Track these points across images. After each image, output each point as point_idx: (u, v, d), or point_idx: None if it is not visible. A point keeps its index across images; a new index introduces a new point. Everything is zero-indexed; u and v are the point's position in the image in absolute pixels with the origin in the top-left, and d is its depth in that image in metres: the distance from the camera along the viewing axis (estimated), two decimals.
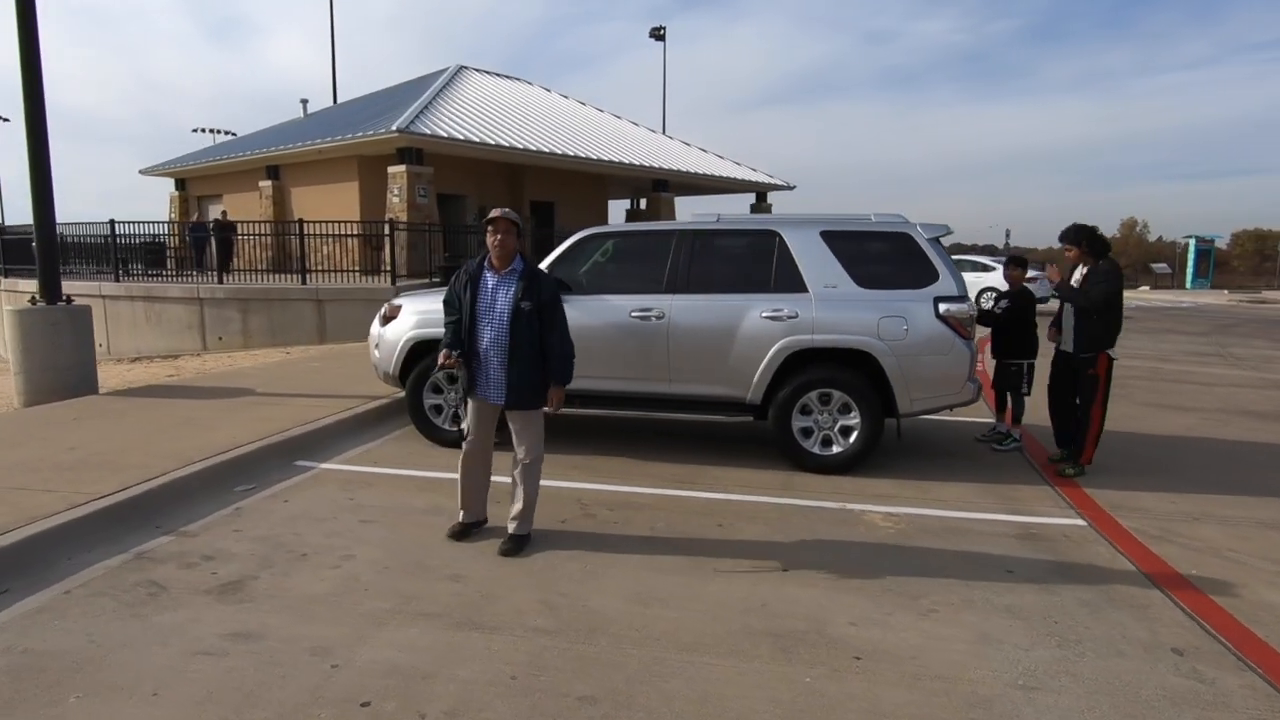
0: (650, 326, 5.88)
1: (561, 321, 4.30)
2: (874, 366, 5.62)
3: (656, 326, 5.88)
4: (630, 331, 5.89)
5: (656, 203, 26.32)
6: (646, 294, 5.93)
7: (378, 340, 6.64)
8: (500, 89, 27.33)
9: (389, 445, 6.48)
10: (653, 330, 5.89)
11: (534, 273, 4.29)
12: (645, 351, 5.91)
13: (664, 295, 5.90)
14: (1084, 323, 5.63)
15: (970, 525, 4.76)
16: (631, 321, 5.88)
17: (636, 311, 5.89)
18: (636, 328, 5.89)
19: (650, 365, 5.93)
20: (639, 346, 5.90)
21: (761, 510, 4.98)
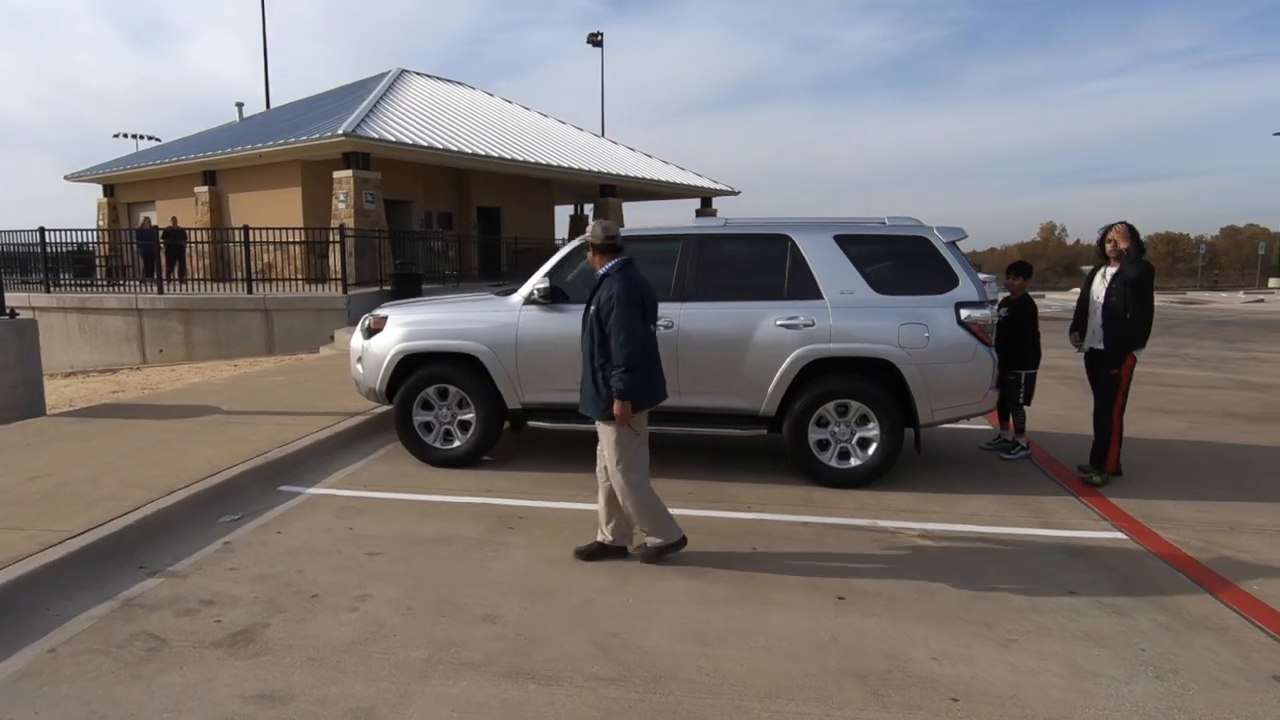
0: (658, 336, 5.59)
1: (617, 327, 3.98)
2: (893, 376, 5.46)
3: (664, 336, 5.58)
4: None
5: (605, 208, 26.04)
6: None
7: (360, 354, 6.18)
8: (444, 93, 26.67)
9: (377, 466, 6.02)
10: (660, 340, 5.58)
11: (601, 277, 4.10)
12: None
13: (672, 303, 5.62)
14: (1115, 324, 5.50)
15: (1010, 541, 4.62)
16: None
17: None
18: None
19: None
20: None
21: (794, 531, 4.74)
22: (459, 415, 5.96)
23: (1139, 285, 5.45)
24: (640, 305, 4.04)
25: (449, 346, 5.84)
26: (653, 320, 4.23)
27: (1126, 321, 5.49)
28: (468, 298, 6.60)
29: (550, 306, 5.69)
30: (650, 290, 4.20)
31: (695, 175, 29.84)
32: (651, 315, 4.20)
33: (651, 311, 4.20)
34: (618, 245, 4.17)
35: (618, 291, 3.98)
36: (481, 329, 5.82)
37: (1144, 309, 5.49)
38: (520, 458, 6.26)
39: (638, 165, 27.60)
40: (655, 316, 4.28)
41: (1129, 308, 5.47)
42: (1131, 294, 5.46)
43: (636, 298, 4.01)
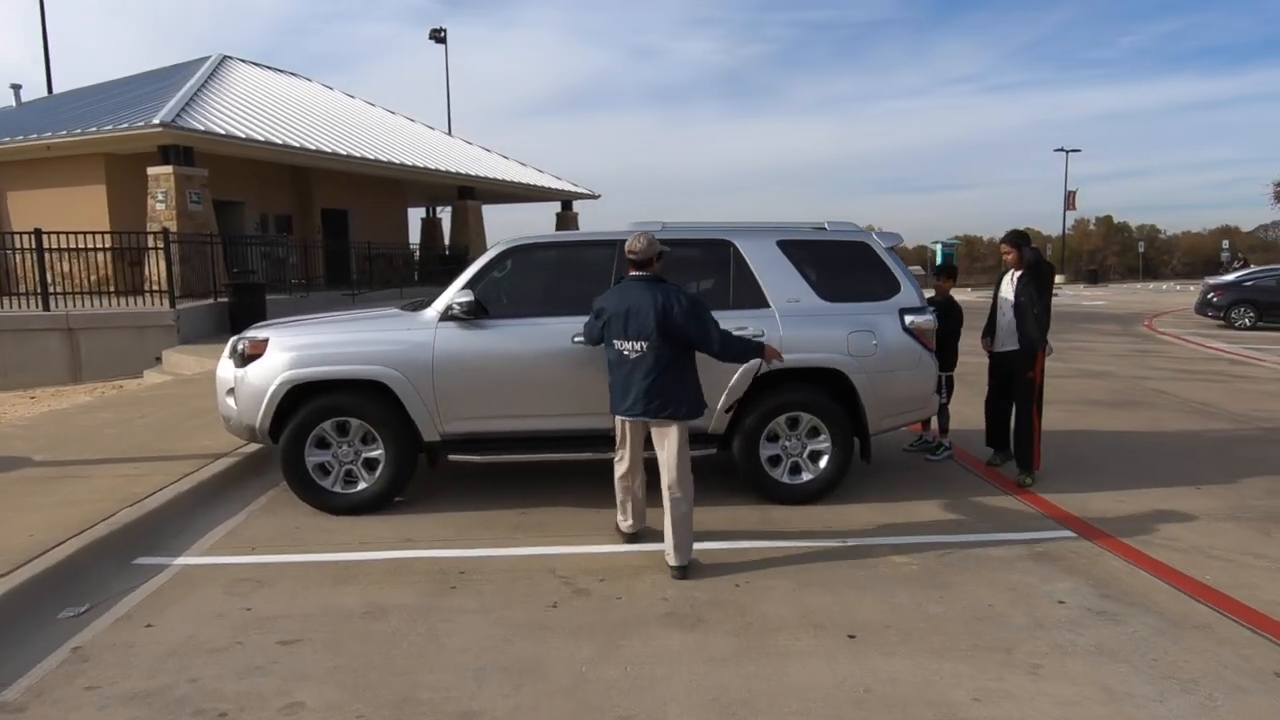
0: (594, 353, 5.04)
1: (705, 322, 4.28)
2: (842, 385, 5.22)
3: (597, 353, 5.06)
4: (571, 360, 5.00)
5: (464, 211, 24.90)
6: (588, 315, 5.08)
7: (233, 385, 5.17)
8: (276, 84, 24.43)
9: (261, 520, 5.05)
10: (591, 358, 5.06)
11: (642, 287, 4.29)
12: (589, 382, 5.05)
13: None
14: (1025, 323, 5.67)
15: (980, 551, 4.47)
16: (572, 348, 4.99)
17: (579, 336, 5.03)
18: (578, 355, 5.02)
19: (595, 398, 5.09)
20: (582, 377, 5.03)
21: (769, 558, 4.36)
22: (363, 452, 5.12)
23: (1041, 285, 5.69)
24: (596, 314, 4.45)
25: (351, 373, 4.98)
26: (618, 336, 4.27)
27: (1036, 318, 5.67)
28: (364, 314, 5.73)
29: (472, 323, 4.98)
30: (620, 304, 4.28)
31: (555, 178, 29.23)
32: (615, 330, 4.28)
33: (614, 326, 4.29)
34: (645, 260, 4.28)
35: (685, 300, 4.19)
36: (390, 351, 5.01)
37: (1046, 307, 5.72)
38: (437, 497, 5.49)
39: (496, 167, 26.61)
40: (624, 334, 4.24)
41: (1035, 304, 5.66)
42: (1036, 293, 5.67)
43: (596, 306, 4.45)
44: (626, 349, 4.19)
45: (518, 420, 5.09)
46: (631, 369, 4.19)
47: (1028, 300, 5.64)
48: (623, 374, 4.24)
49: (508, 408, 5.05)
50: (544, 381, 5.02)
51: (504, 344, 4.98)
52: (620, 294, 4.29)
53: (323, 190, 22.75)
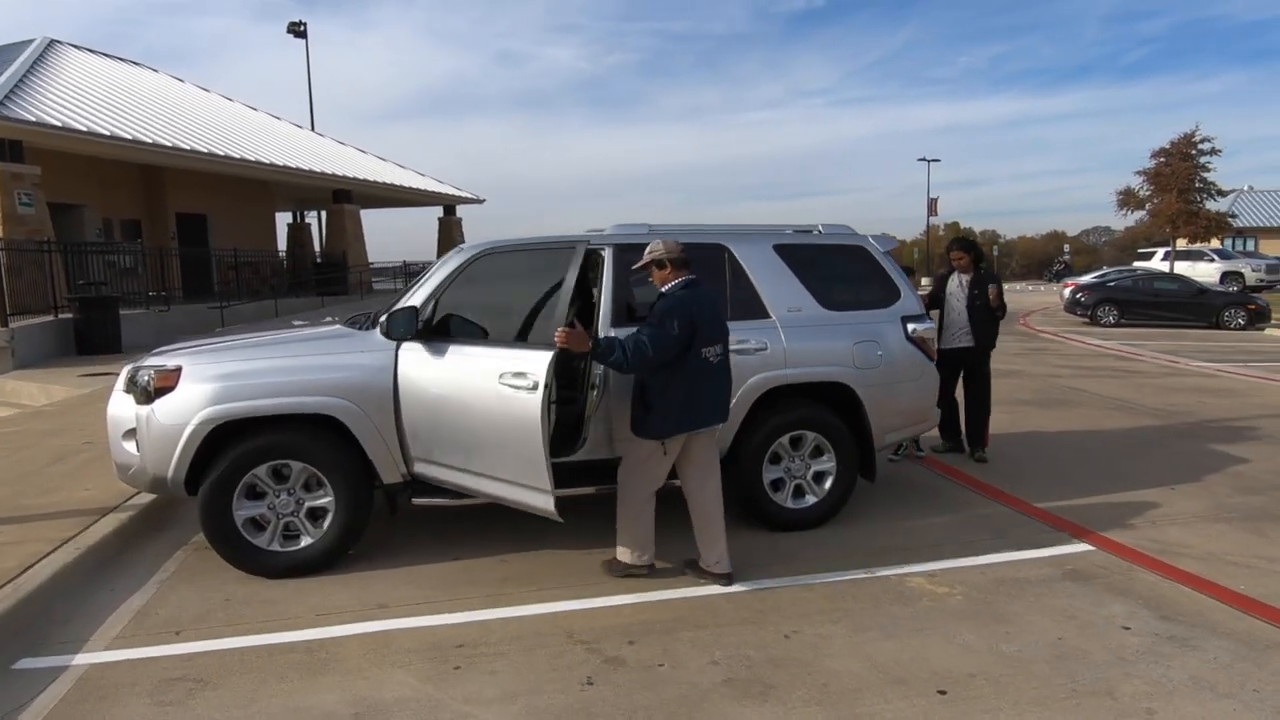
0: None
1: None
2: (846, 399, 4.85)
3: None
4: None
5: (340, 215, 23.22)
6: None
7: (135, 425, 4.17)
8: (118, 73, 21.89)
9: (178, 592, 4.07)
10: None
11: (660, 296, 4.06)
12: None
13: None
14: (984, 323, 6.28)
15: (1011, 573, 4.21)
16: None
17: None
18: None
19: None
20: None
21: (805, 602, 3.90)
22: (307, 501, 4.25)
23: (999, 288, 6.30)
24: (690, 325, 3.85)
25: (293, 406, 4.11)
26: (707, 343, 3.94)
27: (994, 319, 6.33)
28: (296, 333, 4.82)
29: (438, 344, 4.21)
30: (708, 309, 3.99)
31: (437, 181, 27.91)
32: (705, 337, 3.93)
33: (705, 333, 3.92)
34: (687, 260, 4.04)
35: (662, 307, 3.91)
36: (339, 378, 4.18)
37: (1002, 306, 6.34)
38: (395, 546, 4.67)
39: (374, 168, 25.03)
40: (713, 338, 3.98)
41: (999, 306, 6.29)
42: (996, 295, 6.26)
43: (685, 317, 3.85)
44: (712, 355, 3.97)
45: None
46: (716, 374, 4.02)
47: (983, 303, 6.21)
48: (708, 382, 3.97)
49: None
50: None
51: (473, 372, 4.14)
52: (696, 299, 3.95)
53: (177, 192, 20.56)
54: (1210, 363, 12.23)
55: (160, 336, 15.37)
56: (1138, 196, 26.06)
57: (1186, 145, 24.74)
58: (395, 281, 27.67)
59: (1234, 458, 6.43)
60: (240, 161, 18.60)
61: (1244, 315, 17.21)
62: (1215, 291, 19.12)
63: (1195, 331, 17.25)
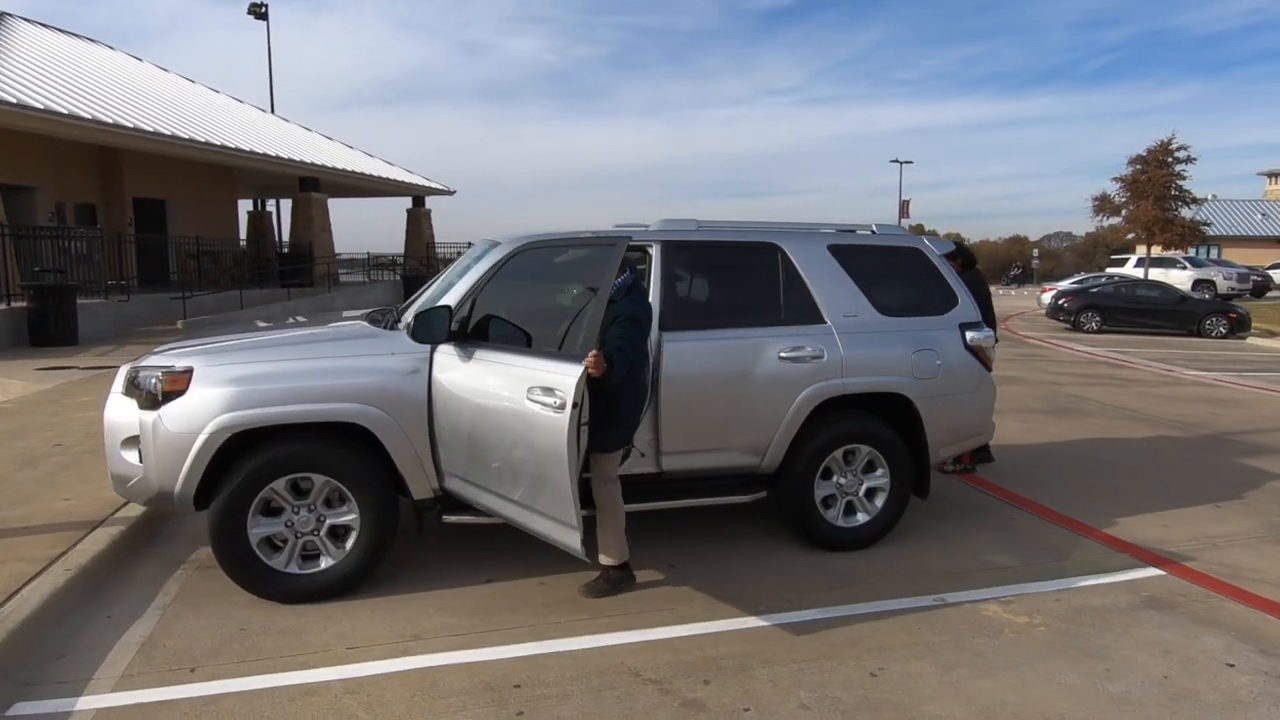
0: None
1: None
2: (901, 411, 4.59)
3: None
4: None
5: (307, 204, 22.37)
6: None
7: (137, 433, 3.71)
8: (72, 50, 20.79)
9: (185, 621, 3.63)
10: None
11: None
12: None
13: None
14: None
15: (1087, 600, 3.99)
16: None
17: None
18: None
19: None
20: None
21: (878, 632, 3.62)
22: (328, 518, 3.84)
23: (982, 296, 5.74)
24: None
25: (320, 414, 3.70)
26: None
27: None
28: (315, 331, 4.39)
29: (469, 348, 3.81)
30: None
31: (406, 171, 27.15)
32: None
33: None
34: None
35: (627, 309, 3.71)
36: (369, 383, 3.77)
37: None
38: (415, 566, 4.28)
39: (342, 157, 24.21)
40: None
41: (984, 312, 5.79)
42: (979, 300, 5.73)
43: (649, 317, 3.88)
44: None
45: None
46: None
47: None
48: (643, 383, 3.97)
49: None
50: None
51: (514, 378, 3.74)
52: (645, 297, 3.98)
53: (135, 176, 19.60)
54: (1204, 371, 12.33)
55: (119, 328, 14.57)
56: (1114, 202, 26.49)
57: (1163, 153, 25.20)
58: (366, 274, 26.92)
59: (1267, 473, 6.34)
60: (205, 145, 17.75)
61: (1225, 324, 17.51)
62: (1197, 300, 19.45)
63: (1178, 339, 17.48)
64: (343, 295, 21.07)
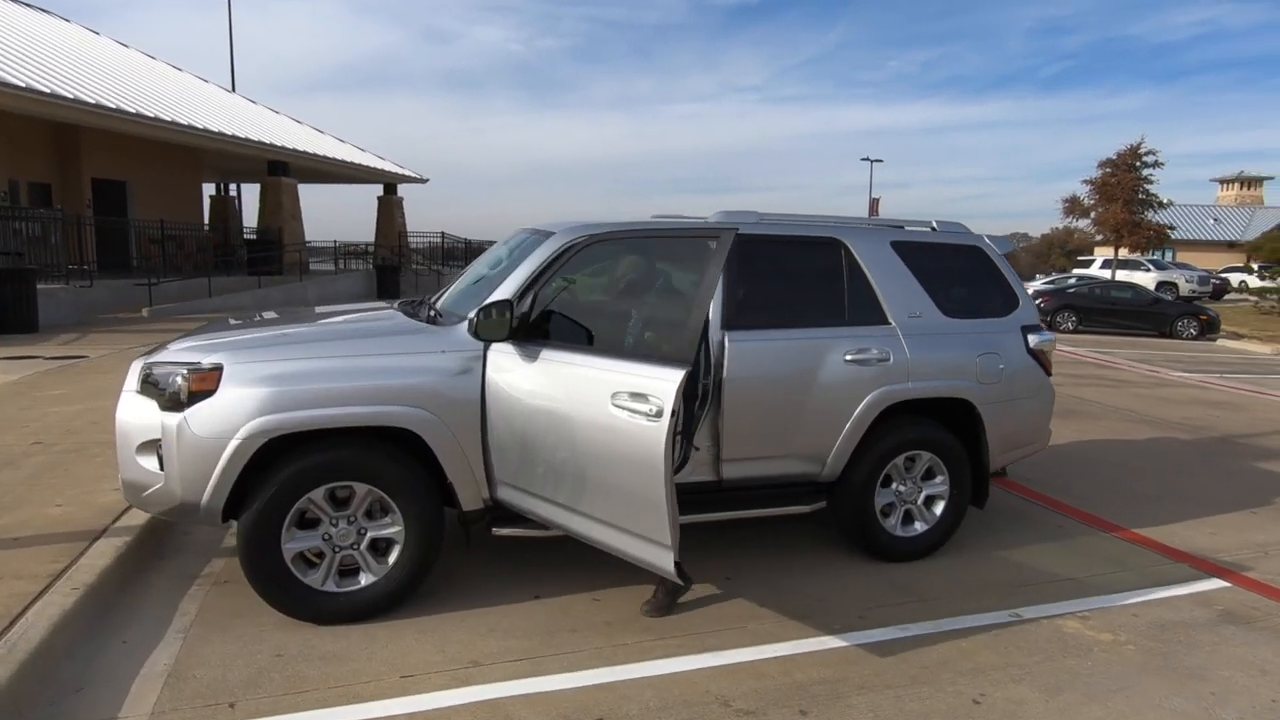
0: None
1: None
2: (964, 416, 4.41)
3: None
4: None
5: (276, 190, 21.56)
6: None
7: (156, 437, 3.33)
8: (26, 20, 19.73)
9: (213, 646, 3.27)
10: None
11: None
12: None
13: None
14: None
15: (1162, 615, 3.85)
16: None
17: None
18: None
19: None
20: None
21: (963, 652, 3.42)
22: (369, 530, 3.51)
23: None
24: None
25: (368, 417, 3.36)
26: None
27: None
28: (353, 324, 4.06)
29: (533, 347, 3.51)
30: None
31: (378, 158, 26.39)
32: None
33: None
34: None
35: None
36: (419, 384, 3.45)
37: None
38: (458, 579, 3.96)
39: (313, 141, 23.42)
40: None
41: None
42: None
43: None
44: None
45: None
46: None
47: None
48: None
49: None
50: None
51: (592, 382, 3.34)
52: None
53: (94, 156, 18.69)
54: (1188, 373, 12.49)
55: (81, 315, 13.80)
56: (1083, 205, 26.93)
57: (1132, 156, 25.67)
58: (335, 263, 26.15)
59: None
60: (171, 125, 16.94)
61: (1196, 325, 17.87)
62: (1169, 302, 19.85)
63: (1151, 340, 17.77)
64: (314, 284, 20.40)
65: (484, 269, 4.80)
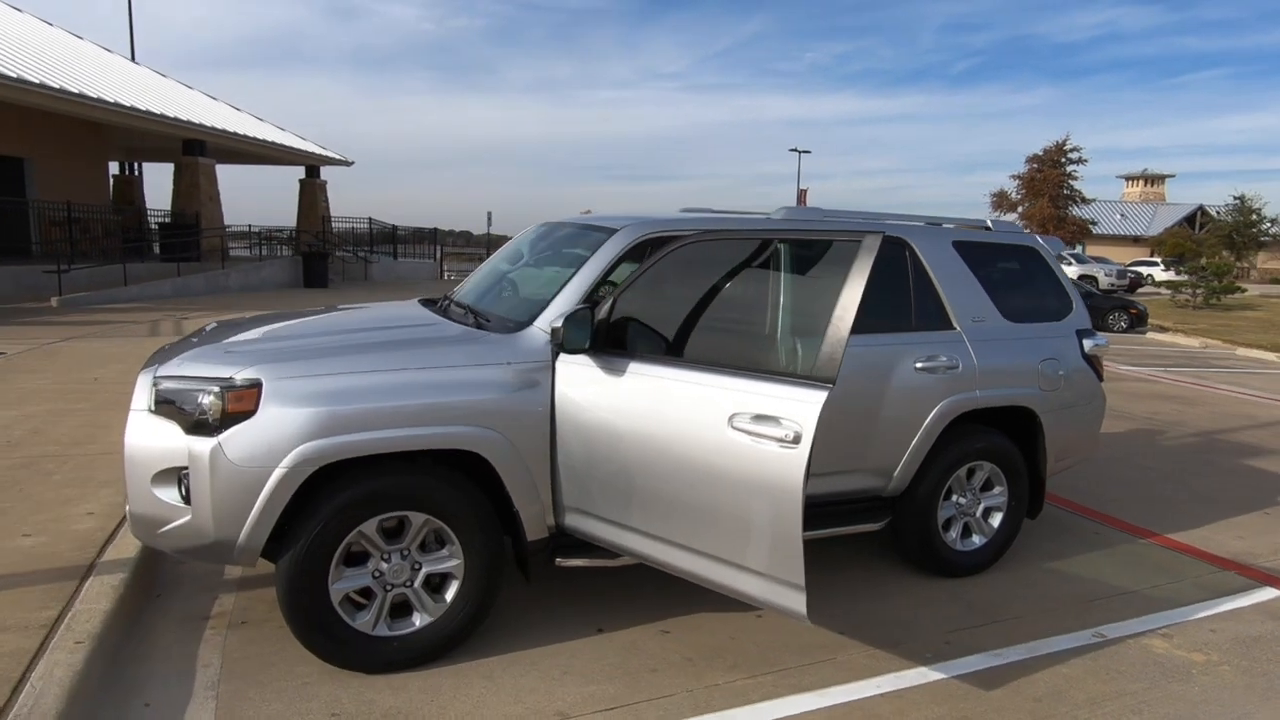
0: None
1: None
2: (1023, 424, 4.28)
3: None
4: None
5: (193, 170, 20.08)
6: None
7: (183, 465, 2.82)
8: None
9: (254, 704, 2.78)
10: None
11: None
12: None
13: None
14: None
15: (1240, 630, 3.79)
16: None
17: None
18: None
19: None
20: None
21: (1075, 680, 3.27)
22: (425, 565, 3.09)
23: None
24: None
25: (429, 439, 2.94)
26: None
27: None
28: (397, 329, 3.52)
29: (616, 360, 3.15)
30: None
31: (299, 138, 24.97)
32: None
33: None
34: None
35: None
36: (483, 400, 3.04)
37: None
38: (509, 614, 3.55)
39: (230, 119, 21.92)
40: None
41: None
42: None
43: None
44: None
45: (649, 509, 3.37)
46: None
47: None
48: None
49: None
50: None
51: (703, 401, 2.91)
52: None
53: None
54: (1134, 366, 12.95)
55: None
56: (1011, 199, 27.97)
57: (1058, 153, 26.77)
58: (255, 249, 24.65)
59: (1276, 475, 6.52)
60: (79, 98, 15.48)
61: (1126, 319, 18.67)
62: (1100, 295, 20.66)
63: None
64: (238, 272, 19.13)
65: (503, 264, 4.43)
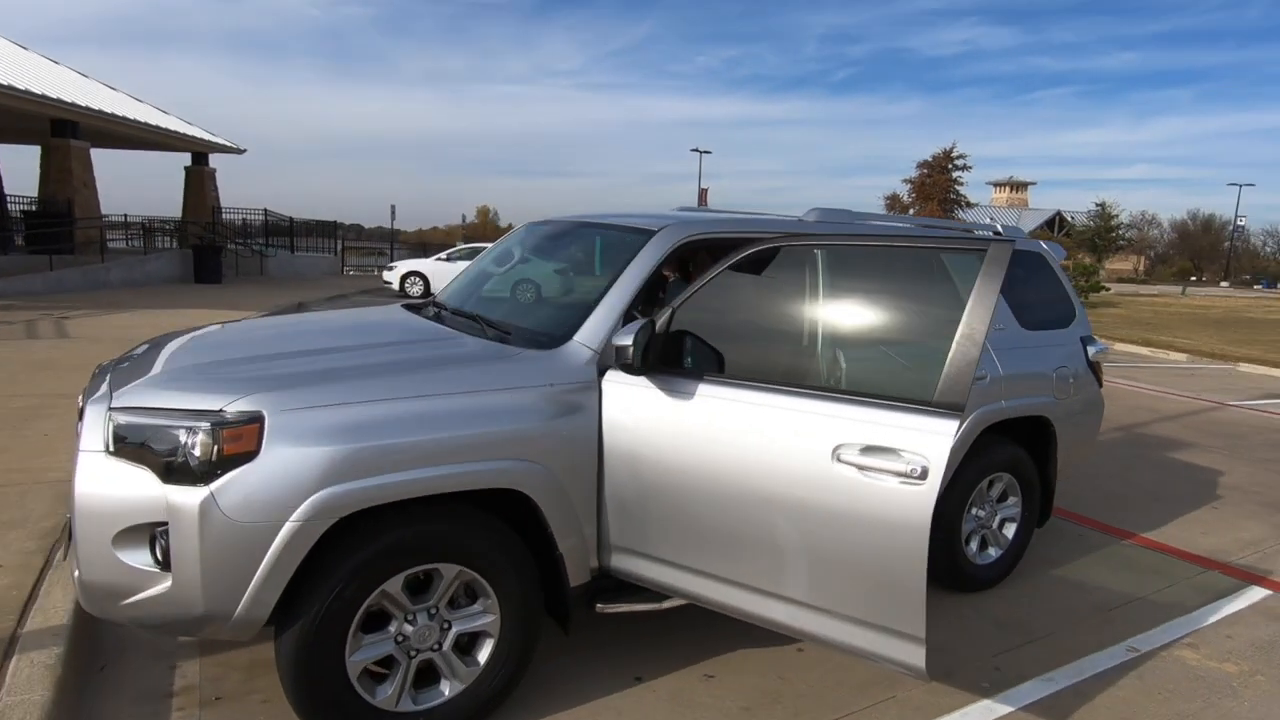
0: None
1: None
2: (1038, 433, 4.20)
3: None
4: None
5: (64, 154, 18.14)
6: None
7: (158, 521, 2.28)
8: None
9: None
10: None
11: None
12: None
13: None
14: None
15: (1252, 635, 3.82)
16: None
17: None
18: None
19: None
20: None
21: (1134, 705, 3.16)
22: (455, 624, 2.65)
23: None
24: None
25: (467, 478, 2.50)
26: None
27: None
28: (414, 347, 2.99)
29: (680, 381, 2.78)
30: None
31: (184, 122, 23.05)
32: None
33: None
34: None
35: None
36: (521, 430, 2.62)
37: None
38: (537, 661, 3.14)
39: (106, 98, 19.94)
40: None
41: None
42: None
43: None
44: None
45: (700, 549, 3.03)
46: None
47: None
48: None
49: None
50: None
51: (799, 430, 2.56)
52: None
53: None
54: None
55: None
56: (903, 203, 29.10)
57: (945, 160, 28.02)
58: (129, 240, 22.54)
59: (1207, 468, 6.79)
60: None
61: None
62: None
63: None
64: (119, 266, 17.43)
65: (495, 267, 4.01)
